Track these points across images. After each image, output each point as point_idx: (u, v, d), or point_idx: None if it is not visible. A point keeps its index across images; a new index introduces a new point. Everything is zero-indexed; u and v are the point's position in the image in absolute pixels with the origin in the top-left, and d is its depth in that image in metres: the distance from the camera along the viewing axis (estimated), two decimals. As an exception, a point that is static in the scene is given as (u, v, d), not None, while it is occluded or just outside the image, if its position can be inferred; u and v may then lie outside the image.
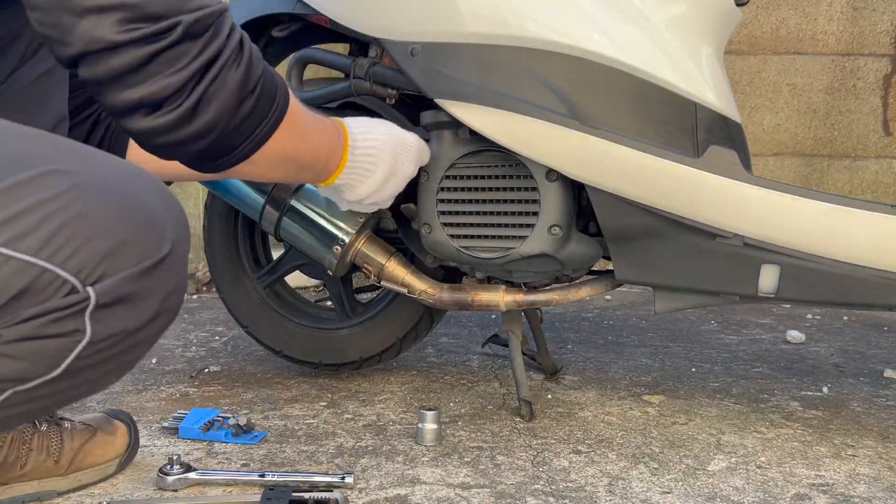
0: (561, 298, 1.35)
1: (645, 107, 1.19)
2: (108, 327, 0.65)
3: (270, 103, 0.84)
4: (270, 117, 0.85)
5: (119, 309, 0.65)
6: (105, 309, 0.64)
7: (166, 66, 0.72)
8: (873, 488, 1.10)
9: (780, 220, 1.16)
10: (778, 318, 2.20)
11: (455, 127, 1.27)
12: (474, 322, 2.09)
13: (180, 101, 0.74)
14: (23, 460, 1.03)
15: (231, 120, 0.79)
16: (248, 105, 0.80)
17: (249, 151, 0.84)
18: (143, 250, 0.66)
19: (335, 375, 1.61)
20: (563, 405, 1.43)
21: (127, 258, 0.65)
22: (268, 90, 0.83)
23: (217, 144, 0.80)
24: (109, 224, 0.65)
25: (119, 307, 0.65)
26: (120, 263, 0.65)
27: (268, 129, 0.85)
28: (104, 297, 0.64)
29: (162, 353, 1.80)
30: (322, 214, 1.38)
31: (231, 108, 0.78)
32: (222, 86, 0.77)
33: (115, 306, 0.65)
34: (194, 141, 0.77)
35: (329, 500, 1.02)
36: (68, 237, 0.63)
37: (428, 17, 1.23)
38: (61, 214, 0.63)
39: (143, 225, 0.67)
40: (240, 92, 0.78)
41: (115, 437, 1.12)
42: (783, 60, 2.78)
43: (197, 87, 0.75)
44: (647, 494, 1.07)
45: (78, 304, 0.63)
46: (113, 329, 0.66)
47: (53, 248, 0.62)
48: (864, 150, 2.80)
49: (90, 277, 0.63)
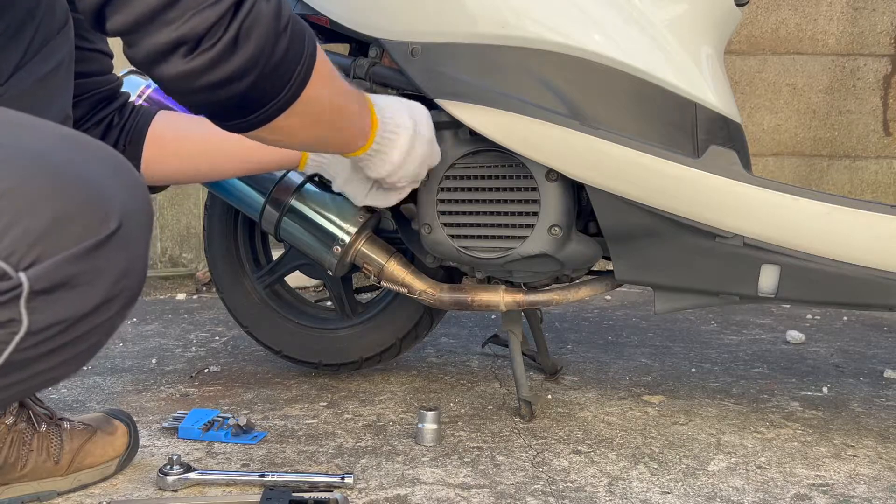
0: (561, 298, 1.35)
1: (645, 107, 1.19)
2: (49, 315, 0.58)
3: (302, 43, 0.80)
4: (304, 59, 0.81)
5: (60, 295, 0.58)
6: (43, 295, 0.58)
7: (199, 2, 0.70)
8: (873, 488, 1.10)
9: (780, 220, 1.15)
10: (778, 318, 2.20)
11: (455, 127, 1.27)
12: (474, 322, 2.09)
13: (219, 36, 0.71)
14: (23, 461, 1.03)
15: (271, 56, 0.75)
16: (283, 42, 0.77)
17: (290, 98, 0.81)
18: (85, 227, 0.59)
19: (335, 375, 1.61)
20: (563, 405, 1.43)
21: (65, 237, 0.58)
22: (298, 31, 0.80)
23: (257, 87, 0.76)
24: (44, 200, 0.58)
25: (60, 293, 0.58)
26: (57, 244, 0.58)
27: (304, 72, 0.81)
28: (40, 282, 0.57)
29: (162, 353, 1.80)
30: (322, 214, 1.38)
31: (270, 42, 0.75)
32: (258, 18, 0.73)
33: (56, 292, 0.58)
34: (236, 80, 0.74)
35: (329, 500, 1.02)
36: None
37: (428, 17, 1.23)
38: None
39: (85, 199, 0.60)
40: (275, 25, 0.75)
41: (115, 437, 1.12)
42: (783, 60, 2.78)
43: (234, 19, 0.72)
44: (647, 494, 1.07)
45: (10, 292, 0.56)
46: (56, 317, 0.59)
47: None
48: (864, 150, 2.80)
49: (23, 261, 0.56)
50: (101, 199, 0.61)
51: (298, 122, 0.86)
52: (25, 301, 0.57)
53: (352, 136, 1.05)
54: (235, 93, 0.75)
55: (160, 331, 2.05)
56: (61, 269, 0.58)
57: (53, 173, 0.59)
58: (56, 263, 0.57)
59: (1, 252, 0.56)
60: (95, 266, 0.60)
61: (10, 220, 0.56)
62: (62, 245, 0.58)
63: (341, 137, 1.04)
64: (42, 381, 0.65)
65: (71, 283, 0.59)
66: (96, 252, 0.59)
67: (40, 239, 0.57)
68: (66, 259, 0.58)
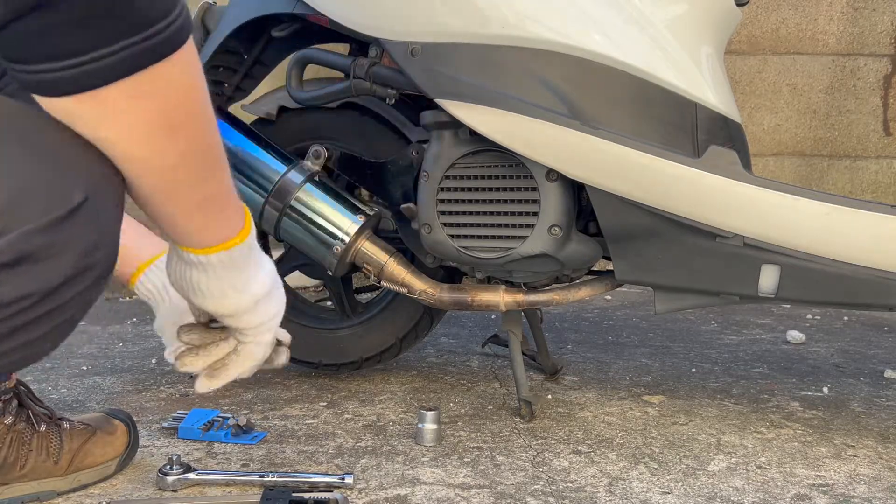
0: (561, 298, 1.35)
1: (645, 107, 1.19)
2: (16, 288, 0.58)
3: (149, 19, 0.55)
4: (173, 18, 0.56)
5: (26, 268, 0.58)
6: (7, 269, 0.57)
7: None
8: (873, 488, 1.10)
9: (780, 220, 1.15)
10: (778, 318, 2.20)
11: (455, 127, 1.27)
12: (474, 322, 2.08)
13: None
14: (22, 461, 1.03)
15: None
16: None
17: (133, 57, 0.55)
18: (48, 201, 0.58)
19: (335, 375, 1.61)
20: (563, 405, 1.43)
21: (28, 211, 0.57)
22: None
23: None
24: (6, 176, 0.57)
25: (25, 266, 0.58)
26: (20, 217, 0.57)
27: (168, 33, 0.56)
28: (2, 255, 0.56)
29: (162, 353, 1.80)
30: (322, 214, 1.38)
31: None
32: None
33: (21, 265, 0.57)
34: None
35: (329, 500, 1.02)
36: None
37: (428, 17, 1.23)
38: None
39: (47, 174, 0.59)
40: None
41: (115, 436, 1.12)
42: (783, 60, 2.78)
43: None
44: (647, 495, 1.07)
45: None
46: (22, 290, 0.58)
47: None
48: (864, 150, 2.80)
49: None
50: (66, 172, 0.60)
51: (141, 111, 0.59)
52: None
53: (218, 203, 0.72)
54: None
55: (160, 331, 2.05)
56: (24, 242, 0.57)
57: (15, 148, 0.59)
58: (19, 236, 0.57)
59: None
60: (60, 239, 0.59)
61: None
62: (25, 218, 0.57)
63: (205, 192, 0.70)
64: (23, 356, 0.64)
65: (35, 256, 0.58)
66: (60, 225, 0.59)
67: (2, 213, 0.56)
68: (30, 232, 0.57)
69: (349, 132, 1.49)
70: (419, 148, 1.38)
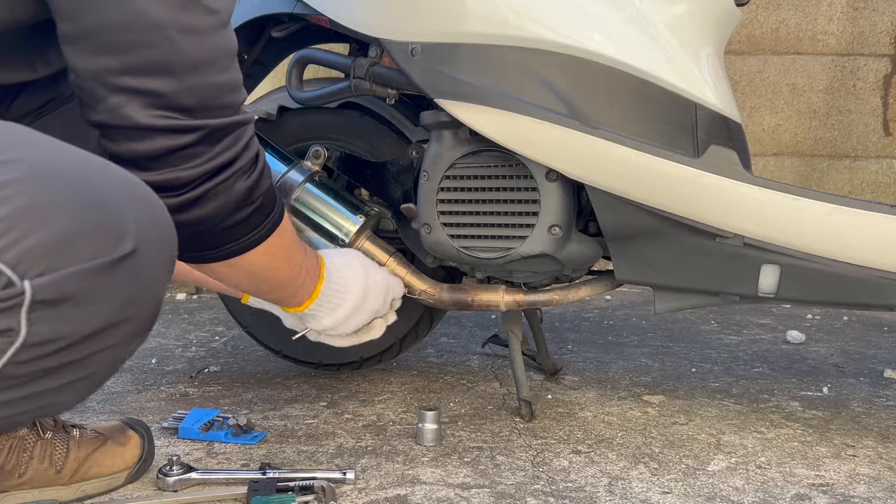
0: (561, 298, 1.35)
1: (645, 107, 1.19)
2: (49, 329, 0.58)
3: (265, 217, 0.89)
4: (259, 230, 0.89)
5: (63, 310, 0.58)
6: (45, 307, 0.57)
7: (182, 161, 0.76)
8: (873, 488, 1.10)
9: (780, 220, 1.15)
10: (778, 318, 2.20)
11: (455, 127, 1.27)
12: (474, 322, 2.09)
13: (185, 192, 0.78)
14: (22, 468, 1.00)
15: (223, 221, 0.83)
16: (244, 213, 0.85)
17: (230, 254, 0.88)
18: (97, 246, 0.59)
19: (335, 375, 1.61)
20: (563, 405, 1.43)
21: (76, 253, 0.58)
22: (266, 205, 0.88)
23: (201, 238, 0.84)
24: (59, 215, 0.58)
25: (63, 308, 0.58)
26: (67, 258, 0.58)
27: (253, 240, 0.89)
28: (44, 292, 0.57)
29: (162, 354, 1.80)
30: (322, 214, 1.38)
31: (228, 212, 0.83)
32: (228, 190, 0.81)
33: (59, 306, 0.58)
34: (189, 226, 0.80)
35: (314, 487, 1.02)
36: (9, 226, 0.56)
37: (428, 17, 1.23)
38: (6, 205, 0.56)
39: (101, 218, 0.60)
40: (242, 200, 0.83)
41: (126, 447, 1.09)
42: (783, 60, 2.78)
43: (205, 184, 0.78)
44: (647, 494, 1.07)
45: (12, 300, 0.56)
46: (55, 332, 0.58)
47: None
48: (864, 150, 2.80)
49: (30, 271, 0.56)
50: (118, 220, 0.61)
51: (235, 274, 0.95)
52: (27, 311, 0.57)
53: (288, 296, 1.13)
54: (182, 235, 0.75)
55: (160, 331, 2.05)
56: (67, 283, 0.58)
57: (72, 190, 0.60)
58: (63, 276, 0.57)
59: (9, 261, 0.56)
60: (103, 286, 0.60)
61: (23, 231, 0.56)
62: (71, 260, 0.58)
63: (277, 296, 1.14)
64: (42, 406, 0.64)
65: (75, 298, 0.58)
66: (105, 272, 0.59)
67: (50, 251, 0.57)
68: (74, 274, 0.58)
69: (349, 132, 1.49)
70: (419, 148, 1.38)
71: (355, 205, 1.39)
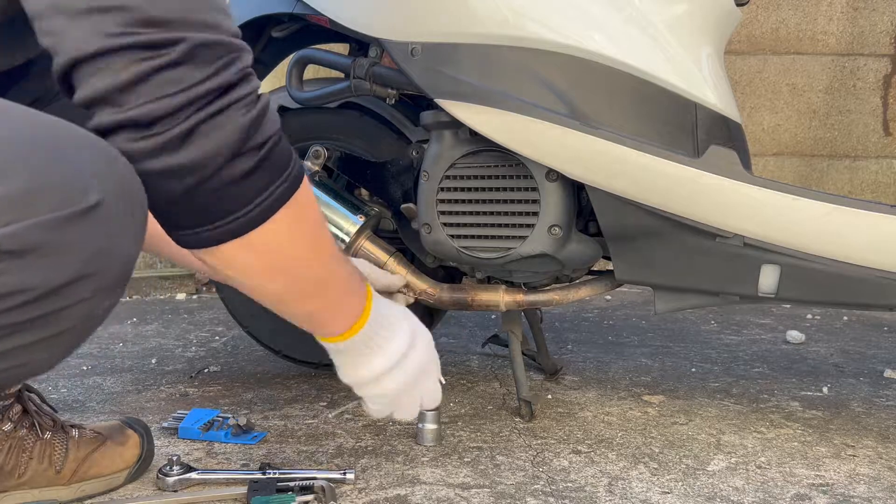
0: (561, 298, 1.35)
1: (645, 107, 1.19)
2: (18, 280, 0.58)
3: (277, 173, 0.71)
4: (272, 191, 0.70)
5: (29, 261, 0.57)
6: (12, 257, 0.57)
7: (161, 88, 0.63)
8: (873, 488, 1.10)
9: (780, 220, 1.16)
10: (778, 318, 2.20)
11: (455, 127, 1.27)
12: (474, 322, 2.09)
13: (169, 128, 0.64)
14: (21, 469, 1.00)
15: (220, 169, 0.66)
16: (249, 161, 0.68)
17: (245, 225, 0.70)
18: (61, 198, 0.59)
19: (335, 375, 1.60)
20: (563, 405, 1.43)
21: (40, 204, 0.58)
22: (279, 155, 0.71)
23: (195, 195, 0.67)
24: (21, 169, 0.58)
25: (30, 257, 0.57)
26: (31, 210, 0.57)
27: (271, 202, 0.70)
28: (9, 242, 0.56)
29: (162, 354, 1.80)
30: (322, 214, 1.38)
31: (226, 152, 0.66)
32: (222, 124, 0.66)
33: (26, 256, 0.57)
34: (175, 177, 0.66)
35: (314, 487, 1.02)
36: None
37: (428, 17, 1.23)
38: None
39: (63, 174, 0.59)
40: (242, 139, 0.67)
41: (125, 447, 1.09)
42: (783, 60, 2.78)
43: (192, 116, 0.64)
44: (647, 494, 1.07)
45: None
46: (23, 282, 0.58)
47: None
48: (864, 150, 2.80)
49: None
50: (82, 175, 0.60)
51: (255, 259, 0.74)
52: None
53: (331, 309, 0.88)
54: (173, 193, 0.67)
55: (160, 331, 2.05)
56: (32, 234, 0.57)
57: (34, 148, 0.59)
58: (27, 227, 0.57)
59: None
60: (70, 237, 0.59)
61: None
62: (36, 211, 0.58)
63: (310, 307, 0.87)
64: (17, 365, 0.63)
65: (42, 249, 0.58)
66: (71, 223, 0.59)
67: (14, 203, 0.57)
68: (39, 223, 0.57)
69: (349, 132, 1.49)
70: (419, 148, 1.38)
71: (355, 205, 1.39)
